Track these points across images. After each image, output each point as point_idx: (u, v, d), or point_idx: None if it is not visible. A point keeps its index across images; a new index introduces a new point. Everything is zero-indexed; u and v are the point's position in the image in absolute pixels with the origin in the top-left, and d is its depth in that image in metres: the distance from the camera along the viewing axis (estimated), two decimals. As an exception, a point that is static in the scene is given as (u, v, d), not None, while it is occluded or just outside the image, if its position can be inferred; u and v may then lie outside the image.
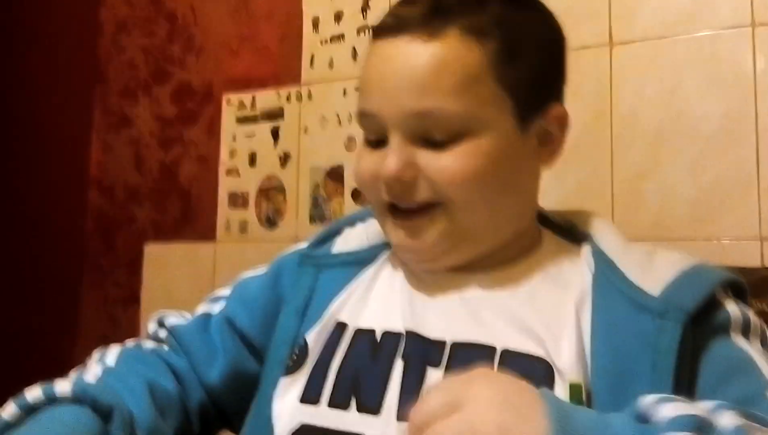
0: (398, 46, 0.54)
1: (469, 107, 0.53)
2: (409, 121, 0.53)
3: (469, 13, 0.54)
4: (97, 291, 1.65)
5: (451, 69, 0.52)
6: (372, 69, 0.56)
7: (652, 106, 1.09)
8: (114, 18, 1.70)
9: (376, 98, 0.55)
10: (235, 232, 1.48)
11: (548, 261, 0.58)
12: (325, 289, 0.62)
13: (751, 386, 0.47)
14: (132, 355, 0.62)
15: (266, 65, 1.48)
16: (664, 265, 0.53)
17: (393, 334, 0.56)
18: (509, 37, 0.54)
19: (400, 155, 0.53)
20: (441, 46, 0.53)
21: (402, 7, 0.56)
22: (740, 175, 1.02)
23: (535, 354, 0.51)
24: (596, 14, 1.14)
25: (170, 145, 1.59)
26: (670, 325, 0.48)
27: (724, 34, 1.05)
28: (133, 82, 1.66)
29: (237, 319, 0.64)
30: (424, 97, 0.52)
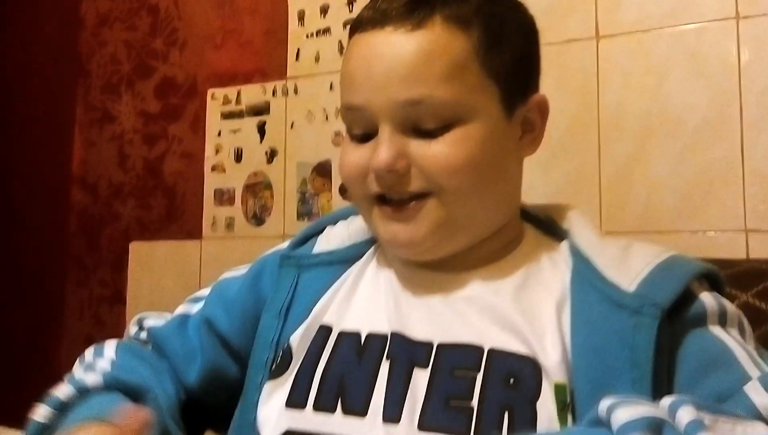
0: (383, 38, 0.54)
1: (458, 94, 0.53)
2: (400, 111, 0.53)
3: (451, 2, 0.54)
4: (81, 290, 1.63)
5: (438, 57, 0.53)
6: (357, 62, 0.55)
7: (638, 98, 1.09)
8: (95, 11, 1.67)
9: (363, 91, 0.54)
10: (221, 230, 1.47)
11: (530, 258, 0.58)
12: (307, 289, 0.61)
13: (729, 379, 0.46)
14: (129, 348, 0.63)
15: (251, 59, 1.47)
16: (639, 259, 0.53)
17: (378, 335, 0.56)
18: (491, 26, 0.55)
19: (391, 145, 0.53)
20: (427, 35, 0.53)
21: (382, 0, 0.56)
22: (725, 167, 1.03)
23: (521, 353, 0.51)
24: (582, 8, 1.14)
25: (154, 141, 1.57)
26: (645, 321, 0.48)
27: (709, 27, 1.05)
28: (115, 77, 1.64)
29: (216, 320, 0.64)
30: (413, 86, 0.52)
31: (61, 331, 1.63)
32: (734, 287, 0.73)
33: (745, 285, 0.74)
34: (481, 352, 0.52)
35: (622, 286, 0.51)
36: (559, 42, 1.15)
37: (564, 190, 1.11)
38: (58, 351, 1.61)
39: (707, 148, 1.04)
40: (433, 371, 0.52)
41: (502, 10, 0.57)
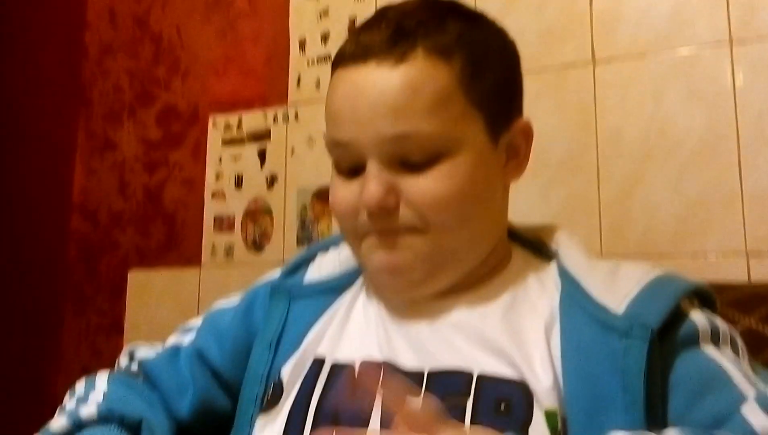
0: (366, 73, 0.53)
1: (444, 126, 0.53)
2: (386, 147, 0.53)
3: (432, 33, 0.54)
4: (79, 319, 1.62)
5: (422, 90, 0.53)
6: (341, 97, 0.55)
7: (635, 121, 1.10)
8: (99, 40, 1.70)
9: (349, 126, 0.54)
10: (220, 257, 1.46)
11: (517, 280, 0.58)
12: (298, 320, 0.61)
13: (725, 401, 0.46)
14: (120, 380, 0.62)
15: (253, 86, 1.48)
16: (627, 280, 0.53)
17: (371, 366, 0.55)
18: (473, 54, 0.55)
19: (380, 181, 0.53)
20: (410, 68, 0.53)
21: (363, 34, 0.56)
22: (724, 191, 1.03)
23: (511, 378, 0.50)
24: (579, 33, 1.15)
25: (155, 169, 1.58)
26: (636, 344, 0.48)
27: (704, 51, 1.07)
28: (117, 105, 1.65)
29: (207, 352, 0.63)
30: (399, 121, 0.52)
31: (58, 360, 1.62)
32: (736, 311, 0.73)
33: (748, 309, 0.73)
34: (470, 378, 0.51)
35: (611, 308, 0.50)
36: (556, 67, 1.16)
37: (563, 214, 1.11)
38: (54, 381, 1.59)
39: (705, 171, 1.04)
40: (425, 399, 0.50)
41: (483, 37, 0.58)
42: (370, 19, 0.58)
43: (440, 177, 0.53)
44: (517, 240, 0.63)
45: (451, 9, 0.58)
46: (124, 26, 1.67)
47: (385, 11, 0.57)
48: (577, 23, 1.15)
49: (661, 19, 1.10)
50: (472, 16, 0.59)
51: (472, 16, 0.59)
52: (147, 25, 1.63)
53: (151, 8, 1.64)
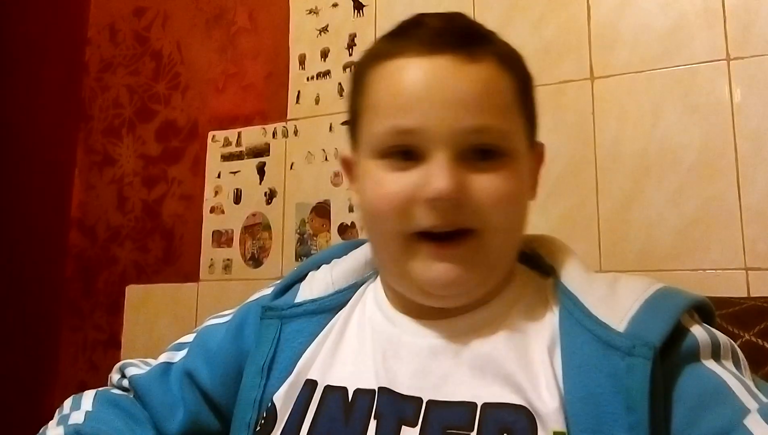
0: (441, 64, 0.53)
1: (513, 127, 0.55)
2: (461, 138, 0.52)
3: (497, 43, 0.57)
4: (76, 335, 1.61)
5: (495, 91, 0.54)
6: (412, 84, 0.53)
7: (634, 137, 1.10)
8: (99, 56, 1.71)
9: (420, 114, 0.52)
10: (218, 272, 1.46)
11: (520, 298, 0.57)
12: (290, 343, 0.59)
13: (727, 414, 0.45)
14: (107, 398, 0.61)
15: (252, 102, 1.49)
16: (627, 295, 0.52)
17: (366, 391, 0.54)
18: (521, 72, 0.58)
19: (451, 173, 0.51)
20: (483, 69, 0.54)
21: (429, 29, 0.55)
22: (723, 205, 1.03)
23: (515, 403, 0.49)
24: (577, 49, 1.16)
25: (154, 184, 1.58)
26: (638, 362, 0.47)
27: (701, 68, 1.08)
28: (117, 121, 1.66)
29: (197, 373, 0.62)
30: (478, 115, 0.52)
31: (55, 375, 1.60)
32: (736, 326, 0.72)
33: (747, 324, 0.73)
34: (474, 409, 0.50)
35: (612, 326, 0.50)
36: (555, 83, 1.17)
37: (562, 228, 1.11)
38: (51, 396, 1.57)
39: (704, 187, 1.05)
40: (422, 431, 0.50)
41: (523, 62, 0.60)
42: (421, 17, 0.57)
43: (506, 177, 0.53)
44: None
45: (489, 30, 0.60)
46: (124, 42, 1.68)
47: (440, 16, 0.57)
48: (576, 40, 1.17)
49: (659, 36, 1.11)
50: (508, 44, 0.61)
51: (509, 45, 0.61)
52: (147, 41, 1.65)
53: (152, 24, 1.65)
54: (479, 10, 1.25)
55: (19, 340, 1.55)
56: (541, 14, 1.20)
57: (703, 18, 1.08)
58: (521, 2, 1.22)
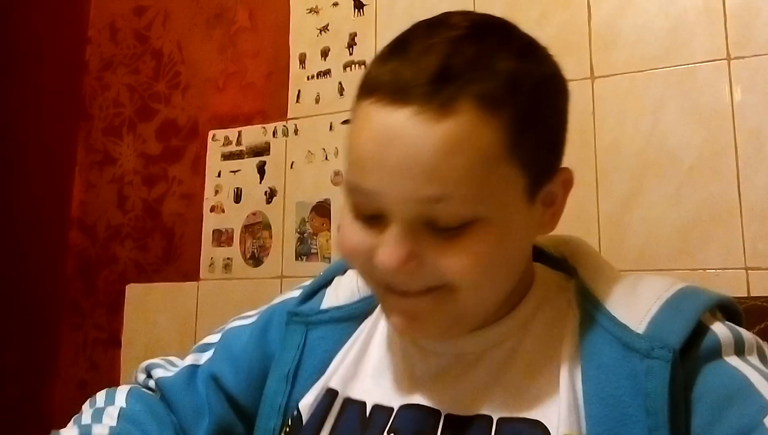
0: (402, 120, 0.45)
1: (482, 192, 0.46)
2: (414, 207, 0.46)
3: (482, 77, 0.46)
4: (76, 334, 1.61)
5: (464, 150, 0.45)
6: (369, 141, 0.47)
7: (634, 137, 1.10)
8: (100, 55, 1.71)
9: (375, 177, 0.47)
10: (218, 271, 1.46)
11: (541, 307, 0.55)
12: (316, 350, 0.59)
13: (749, 412, 0.44)
14: (140, 396, 0.61)
15: (253, 101, 1.49)
16: (647, 296, 0.50)
17: (384, 407, 0.53)
18: (525, 102, 0.48)
19: (401, 247, 0.47)
20: (453, 124, 0.45)
21: (404, 64, 0.47)
22: (723, 205, 1.03)
23: (531, 418, 0.49)
24: (577, 49, 1.16)
25: (154, 183, 1.58)
26: (657, 364, 0.46)
27: (701, 68, 1.08)
28: (117, 120, 1.66)
29: (222, 377, 0.62)
30: (433, 183, 0.45)
31: (55, 374, 1.60)
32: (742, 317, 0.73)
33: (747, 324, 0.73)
34: (490, 423, 0.49)
35: (631, 327, 0.48)
36: (554, 83, 1.16)
37: (562, 228, 1.11)
38: (51, 394, 1.57)
39: (704, 186, 1.05)
40: None
41: (536, 80, 0.49)
42: (411, 38, 0.49)
43: (470, 247, 0.47)
44: (540, 256, 0.60)
45: (504, 37, 0.50)
46: (124, 41, 1.68)
47: (430, 33, 0.49)
48: (576, 39, 1.17)
49: (660, 36, 1.11)
50: (526, 47, 0.51)
51: (526, 48, 0.51)
52: (148, 40, 1.65)
53: (152, 23, 1.65)
54: (479, 10, 1.24)
55: (20, 339, 1.55)
56: (541, 13, 1.20)
57: (703, 18, 1.08)
58: (521, 2, 1.21)
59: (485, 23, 0.51)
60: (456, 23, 0.50)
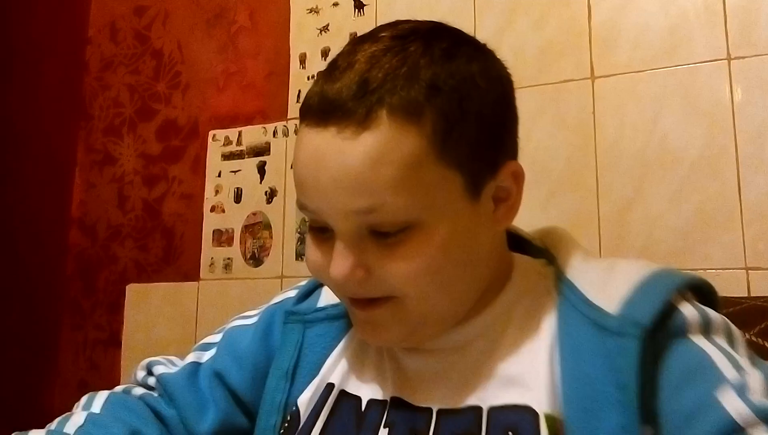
0: (327, 141, 0.48)
1: (413, 197, 0.47)
2: (351, 220, 0.49)
3: (399, 88, 0.47)
4: (76, 334, 1.61)
5: (388, 161, 0.47)
6: (303, 163, 0.50)
7: (634, 137, 1.10)
8: (100, 55, 1.71)
9: (312, 196, 0.50)
10: (219, 271, 1.46)
11: (521, 296, 0.56)
12: (313, 347, 0.60)
13: (704, 389, 0.45)
14: (119, 402, 0.61)
15: (253, 101, 1.49)
16: (621, 279, 0.51)
17: (378, 401, 0.55)
18: (447, 106, 0.48)
19: (346, 259, 0.49)
20: (373, 137, 0.47)
21: (328, 83, 0.49)
22: (723, 205, 1.03)
23: (519, 404, 0.50)
24: (577, 49, 1.16)
25: (154, 183, 1.58)
26: (628, 342, 0.47)
27: (702, 68, 1.08)
28: (117, 120, 1.66)
29: (227, 374, 0.62)
30: (362, 197, 0.47)
31: (55, 375, 1.60)
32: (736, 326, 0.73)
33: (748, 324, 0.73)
34: (480, 413, 0.51)
35: (605, 309, 0.50)
36: (555, 82, 1.17)
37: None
38: (51, 395, 1.57)
39: (704, 186, 1.05)
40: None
41: (460, 80, 0.50)
42: (339, 58, 0.51)
43: (412, 252, 0.48)
44: (521, 246, 0.61)
45: (428, 43, 0.50)
46: (125, 41, 1.68)
47: (355, 50, 0.50)
48: (576, 39, 1.17)
49: (660, 36, 1.11)
50: (452, 48, 0.51)
51: (452, 49, 0.51)
52: (148, 40, 1.65)
53: (153, 23, 1.65)
54: (480, 10, 1.25)
55: (20, 339, 1.55)
56: (541, 14, 1.20)
57: (703, 18, 1.08)
58: (522, 2, 1.21)
59: (410, 32, 0.52)
60: (381, 36, 0.51)
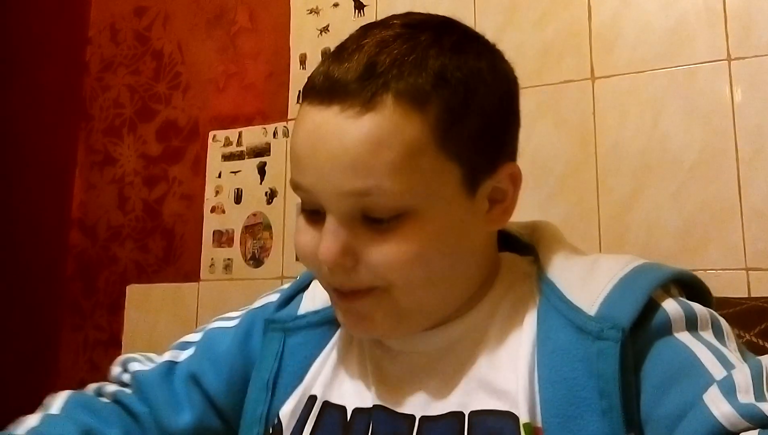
0: (329, 118, 0.47)
1: (410, 184, 0.47)
2: (345, 201, 0.48)
3: (407, 74, 0.47)
4: (76, 334, 1.61)
5: (389, 144, 0.46)
6: (302, 140, 0.49)
7: (634, 137, 1.10)
8: (100, 56, 1.71)
9: (309, 173, 0.49)
10: (219, 271, 1.46)
11: (505, 298, 0.54)
12: (294, 357, 0.58)
13: (690, 391, 0.43)
14: (79, 402, 0.60)
15: (253, 102, 1.49)
16: (602, 276, 0.50)
17: (363, 410, 0.53)
18: (453, 97, 0.48)
19: (336, 240, 0.48)
20: (376, 119, 0.46)
21: (334, 63, 0.49)
22: (724, 206, 1.03)
23: (502, 409, 0.48)
24: (577, 50, 1.16)
25: (154, 183, 1.58)
26: (608, 346, 0.45)
27: (702, 68, 1.08)
28: (118, 120, 1.66)
29: (203, 377, 0.61)
30: (359, 177, 0.47)
31: (55, 375, 1.60)
32: (736, 326, 0.72)
33: (748, 324, 0.73)
34: (462, 419, 0.49)
35: (584, 309, 0.48)
36: (555, 83, 1.17)
37: (563, 229, 1.11)
38: (51, 396, 1.57)
39: (704, 187, 1.05)
40: None
41: (467, 73, 0.50)
42: (348, 41, 0.51)
43: (402, 239, 0.48)
44: (510, 243, 0.59)
45: (439, 34, 0.50)
46: (125, 42, 1.68)
47: (365, 34, 0.50)
48: (577, 40, 1.17)
49: (660, 36, 1.11)
50: (461, 42, 0.51)
51: (462, 44, 0.51)
52: (148, 41, 1.65)
53: (153, 24, 1.65)
54: (480, 11, 1.25)
55: (20, 340, 1.55)
56: (542, 14, 1.20)
57: (703, 18, 1.08)
58: (522, 2, 1.22)
59: (422, 23, 0.52)
60: (392, 24, 0.51)
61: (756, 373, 0.42)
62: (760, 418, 0.39)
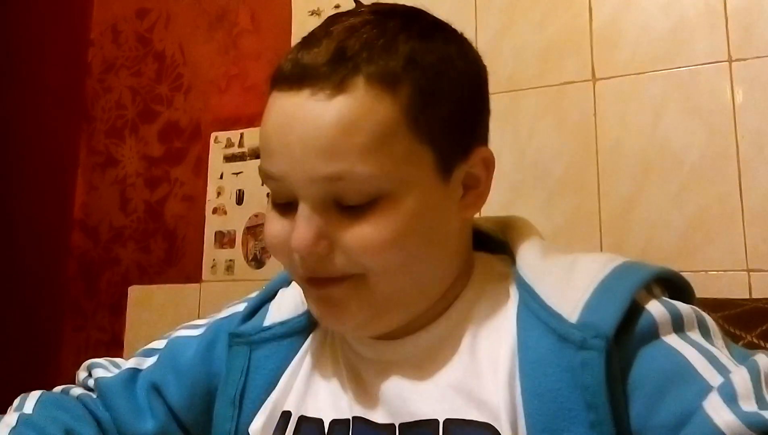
0: (299, 103, 0.46)
1: (383, 167, 0.46)
2: (318, 187, 0.47)
3: (377, 57, 0.47)
4: (78, 336, 1.61)
5: (360, 127, 0.46)
6: (272, 127, 0.48)
7: (635, 138, 1.11)
8: (102, 58, 1.71)
9: (279, 161, 0.48)
10: (221, 272, 1.46)
11: (478, 301, 0.53)
12: (261, 370, 0.57)
13: (687, 399, 0.41)
14: (52, 401, 0.60)
15: (255, 103, 1.49)
16: (581, 278, 0.48)
17: (341, 421, 0.52)
18: (423, 80, 0.48)
19: (310, 226, 0.47)
20: (347, 101, 0.46)
21: (303, 50, 0.48)
22: (724, 207, 1.03)
23: (480, 420, 0.47)
24: (578, 51, 1.16)
25: (156, 185, 1.58)
26: (592, 356, 0.44)
27: (703, 69, 1.08)
28: (120, 122, 1.66)
29: (165, 389, 0.61)
30: (331, 161, 0.46)
31: (57, 376, 1.60)
32: (737, 328, 0.73)
33: (749, 326, 0.73)
34: (437, 426, 0.48)
35: (565, 316, 0.46)
36: (556, 84, 1.17)
37: (564, 229, 1.11)
38: (53, 397, 1.58)
39: (705, 187, 1.05)
40: None
41: (437, 57, 0.49)
42: (316, 30, 0.50)
43: (377, 222, 0.47)
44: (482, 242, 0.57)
45: (407, 21, 0.50)
46: (127, 43, 1.68)
47: (333, 22, 0.50)
48: (578, 41, 1.17)
49: (661, 37, 1.11)
50: (430, 29, 0.51)
51: (430, 30, 0.51)
52: (150, 43, 1.65)
53: (155, 26, 1.65)
54: (481, 12, 1.25)
55: (22, 341, 1.55)
56: (542, 15, 1.20)
57: (704, 19, 1.09)
58: (523, 3, 1.22)
59: (390, 11, 0.52)
60: (360, 12, 0.51)
61: (754, 377, 0.41)
62: (764, 427, 0.38)
